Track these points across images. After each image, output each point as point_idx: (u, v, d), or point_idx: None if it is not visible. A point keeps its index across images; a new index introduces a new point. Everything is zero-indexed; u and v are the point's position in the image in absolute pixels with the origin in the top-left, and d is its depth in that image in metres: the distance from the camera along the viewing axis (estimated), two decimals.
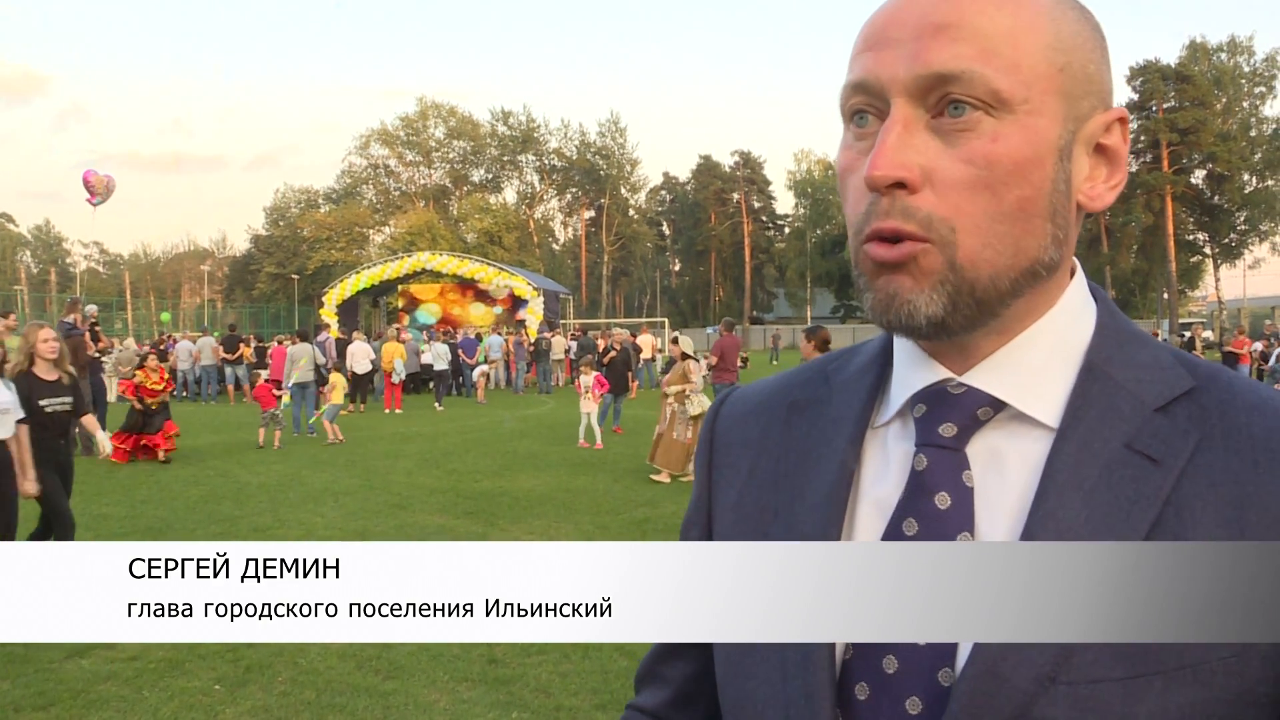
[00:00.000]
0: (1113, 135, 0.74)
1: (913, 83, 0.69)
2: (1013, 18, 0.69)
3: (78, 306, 14.61)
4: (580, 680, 5.03)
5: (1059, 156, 0.71)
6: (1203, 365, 0.75)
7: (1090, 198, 0.74)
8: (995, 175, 0.68)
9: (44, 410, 6.47)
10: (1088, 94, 0.72)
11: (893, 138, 0.69)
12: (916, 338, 0.75)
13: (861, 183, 0.71)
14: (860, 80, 0.72)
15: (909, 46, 0.69)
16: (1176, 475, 0.68)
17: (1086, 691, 0.64)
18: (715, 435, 0.93)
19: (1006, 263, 0.70)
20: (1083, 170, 0.74)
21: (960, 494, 0.73)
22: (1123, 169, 0.75)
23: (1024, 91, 0.68)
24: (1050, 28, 0.70)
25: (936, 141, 0.69)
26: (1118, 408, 0.72)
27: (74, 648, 5.41)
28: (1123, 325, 0.78)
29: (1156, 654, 0.64)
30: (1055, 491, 0.69)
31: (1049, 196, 0.71)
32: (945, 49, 0.68)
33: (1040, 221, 0.71)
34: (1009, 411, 0.74)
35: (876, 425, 0.81)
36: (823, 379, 0.88)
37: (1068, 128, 0.71)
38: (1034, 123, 0.69)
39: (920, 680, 0.69)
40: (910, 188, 0.69)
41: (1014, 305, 0.73)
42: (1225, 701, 0.63)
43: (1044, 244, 0.72)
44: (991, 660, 0.66)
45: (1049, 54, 0.70)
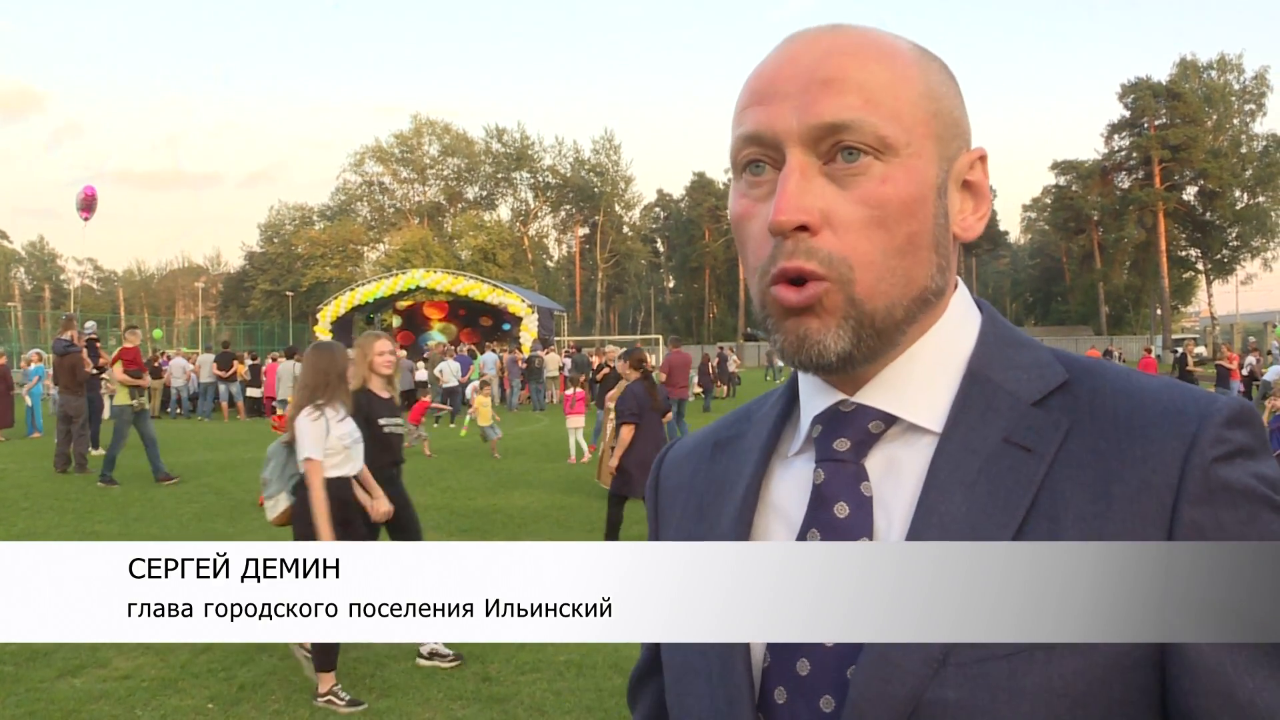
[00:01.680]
0: (976, 172, 0.82)
1: (806, 132, 0.74)
2: (889, 71, 0.76)
3: (73, 324, 14.57)
4: (574, 698, 5.00)
5: (938, 194, 0.77)
6: (1080, 360, 0.80)
7: (963, 229, 0.81)
8: (887, 214, 0.74)
9: (382, 431, 5.51)
10: (955, 136, 0.79)
11: (792, 184, 0.74)
12: (828, 374, 0.79)
13: (762, 228, 0.76)
14: (754, 132, 0.76)
15: (799, 99, 0.74)
16: (1049, 462, 0.72)
17: (975, 670, 0.67)
18: (659, 482, 0.99)
19: (899, 293, 0.76)
20: (955, 205, 0.80)
21: (858, 502, 0.77)
22: (987, 201, 0.82)
23: (905, 136, 0.75)
24: (922, 79, 0.77)
25: (831, 186, 0.74)
26: (996, 406, 0.77)
27: (66, 667, 5.38)
28: (1004, 332, 0.83)
29: None
30: (937, 489, 0.74)
31: (933, 230, 0.77)
32: (834, 100, 0.74)
33: (926, 253, 0.77)
34: (902, 424, 0.79)
35: (789, 455, 0.86)
36: (745, 417, 0.94)
37: (942, 167, 0.78)
38: (915, 164, 0.75)
39: (831, 679, 0.72)
40: (811, 230, 0.74)
41: (908, 331, 0.79)
42: (1104, 666, 0.67)
43: (931, 273, 0.78)
44: (883, 648, 0.69)
45: (923, 102, 0.77)
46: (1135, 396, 0.74)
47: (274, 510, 5.21)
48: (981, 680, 0.67)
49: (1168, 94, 58.53)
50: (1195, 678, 0.66)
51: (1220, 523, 0.67)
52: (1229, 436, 0.69)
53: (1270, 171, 59.01)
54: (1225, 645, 0.66)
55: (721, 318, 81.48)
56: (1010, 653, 0.67)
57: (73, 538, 8.98)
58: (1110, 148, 61.84)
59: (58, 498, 11.33)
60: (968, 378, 0.79)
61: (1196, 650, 0.66)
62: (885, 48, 0.77)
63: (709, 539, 0.85)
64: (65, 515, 10.19)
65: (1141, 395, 0.74)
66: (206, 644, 5.81)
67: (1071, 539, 0.68)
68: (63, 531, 9.28)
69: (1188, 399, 0.72)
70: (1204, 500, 0.68)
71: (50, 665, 5.41)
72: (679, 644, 0.85)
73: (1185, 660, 0.67)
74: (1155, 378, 0.77)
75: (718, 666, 0.79)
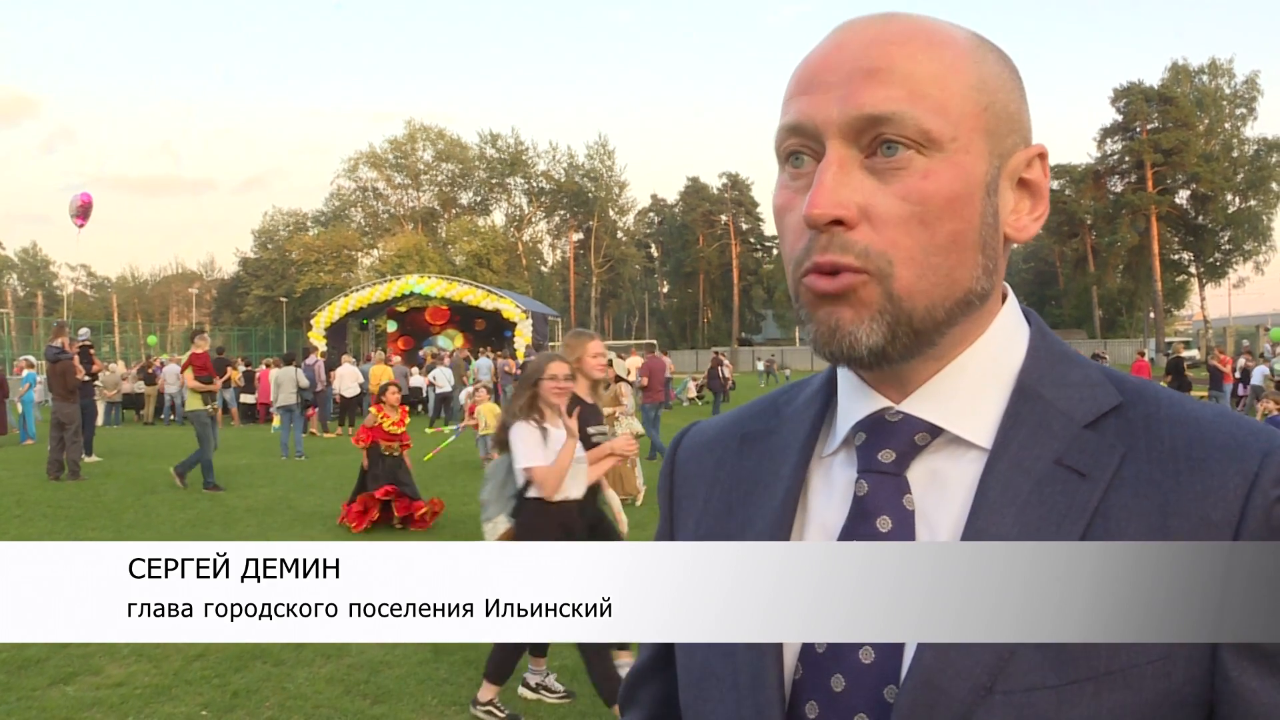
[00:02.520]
0: (1034, 170, 0.78)
1: (847, 124, 0.72)
2: (938, 62, 0.73)
3: (65, 330, 14.52)
4: (568, 704, 5.00)
5: (986, 191, 0.74)
6: (1131, 381, 0.78)
7: (1016, 229, 0.78)
8: (928, 210, 0.71)
9: (591, 441, 5.03)
10: (1010, 132, 0.76)
11: (830, 176, 0.71)
12: (858, 368, 0.77)
13: (800, 220, 0.74)
14: (795, 123, 0.75)
15: (841, 90, 0.72)
16: (1104, 488, 0.70)
17: (1022, 699, 0.66)
18: (675, 468, 0.96)
19: (942, 293, 0.73)
20: (1008, 204, 0.77)
21: (901, 516, 0.75)
22: (1044, 201, 0.79)
23: (952, 130, 0.72)
24: (974, 70, 0.74)
25: (871, 180, 0.72)
26: (1048, 425, 0.74)
27: (58, 674, 5.36)
28: (1054, 346, 0.81)
29: (1088, 660, 0.66)
30: (988, 509, 0.72)
31: (979, 230, 0.74)
32: (877, 91, 0.71)
33: (971, 253, 0.74)
34: (946, 436, 0.77)
35: (824, 455, 0.84)
36: (774, 411, 0.91)
37: (993, 164, 0.75)
38: (962, 160, 0.72)
39: (867, 698, 0.71)
40: (848, 224, 0.72)
41: (949, 333, 0.76)
42: (1153, 704, 0.66)
43: (975, 274, 0.75)
44: (929, 672, 0.68)
45: (973, 95, 0.73)
46: (1192, 426, 0.72)
47: (493, 534, 4.91)
48: (1028, 710, 0.66)
49: (1160, 98, 58.71)
50: (1250, 718, 0.66)
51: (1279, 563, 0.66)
52: None
53: (1262, 175, 59.20)
54: (1279, 686, 0.66)
55: (716, 322, 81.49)
56: (1060, 683, 0.66)
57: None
58: (1103, 152, 61.96)
59: (51, 505, 11.29)
60: (1017, 393, 0.76)
61: (1252, 691, 0.65)
62: (936, 37, 0.74)
63: (741, 538, 0.83)
64: (58, 522, 10.15)
65: (1199, 425, 0.72)
66: (200, 651, 5.79)
67: None
68: (55, 539, 9.23)
69: (1247, 433, 0.70)
70: (1264, 540, 0.66)
71: (42, 673, 5.39)
72: (698, 647, 0.83)
73: (1239, 700, 0.66)
74: (1208, 405, 0.75)
75: (747, 675, 0.76)
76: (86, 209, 26.03)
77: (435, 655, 5.72)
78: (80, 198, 25.91)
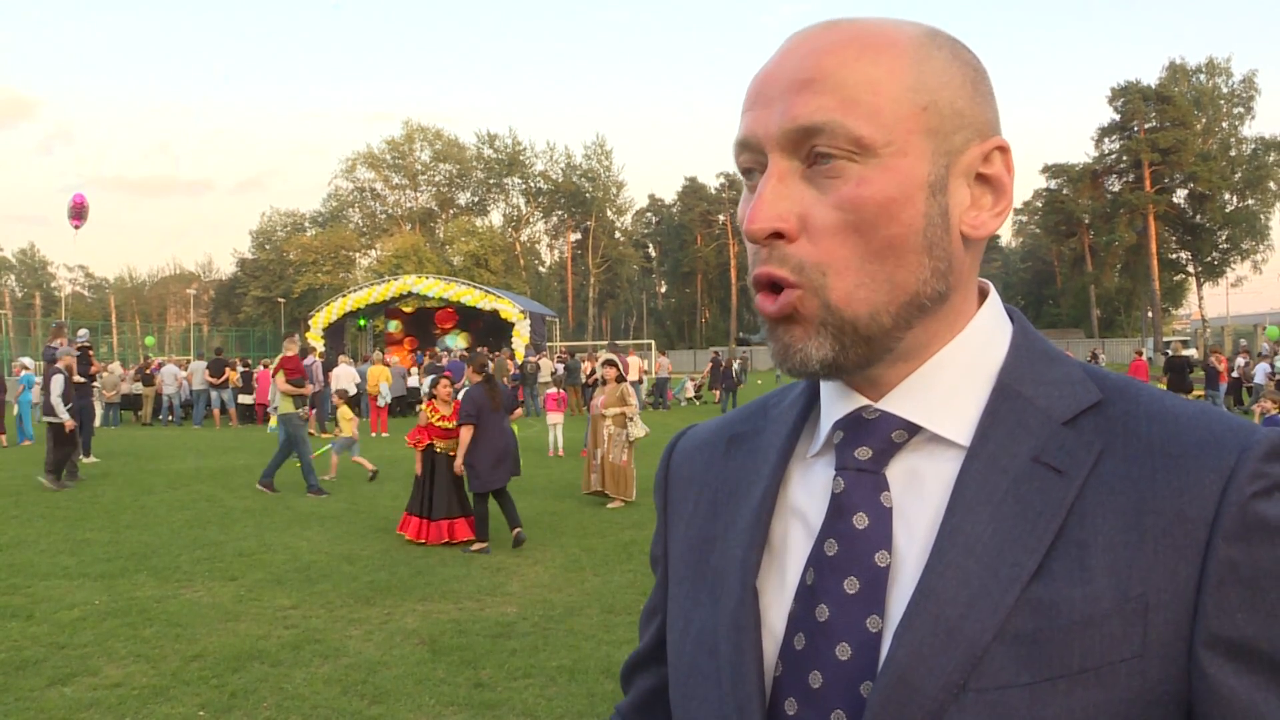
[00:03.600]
0: (993, 164, 0.77)
1: (783, 136, 0.73)
2: (873, 65, 0.72)
3: (63, 331, 14.52)
4: (566, 704, 5.00)
5: (931, 192, 0.74)
6: (1112, 379, 0.78)
7: (973, 226, 0.76)
8: (863, 217, 0.72)
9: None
10: (959, 128, 0.75)
11: (769, 190, 0.73)
12: (816, 380, 0.78)
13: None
14: (742, 138, 0.76)
15: (780, 104, 0.73)
16: (1080, 485, 0.70)
17: (995, 697, 0.66)
18: (670, 470, 0.97)
19: (883, 299, 0.73)
20: (963, 201, 0.76)
21: (878, 514, 0.75)
22: (1007, 195, 0.78)
23: (885, 135, 0.72)
24: (911, 70, 0.73)
25: (811, 190, 0.73)
26: (1026, 423, 0.74)
27: (56, 675, 5.36)
28: (1036, 344, 0.80)
29: (1061, 658, 0.66)
30: (964, 506, 0.72)
31: (923, 232, 0.73)
32: (809, 102, 0.72)
33: (914, 256, 0.73)
34: (925, 434, 0.77)
35: (807, 456, 0.84)
36: (762, 412, 0.92)
37: (939, 163, 0.74)
38: (899, 164, 0.72)
39: (843, 694, 0.72)
40: (788, 237, 0.73)
41: (908, 336, 0.76)
42: (1128, 702, 0.66)
43: (922, 277, 0.74)
44: (902, 669, 0.68)
45: (910, 96, 0.73)
46: (1170, 423, 0.72)
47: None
48: (1001, 708, 0.66)
49: (1157, 97, 58.73)
50: (1227, 717, 0.65)
51: (1256, 560, 0.66)
52: (1268, 471, 0.67)
53: (1259, 174, 59.27)
54: (1258, 685, 0.65)
55: (714, 322, 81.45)
56: (1033, 681, 0.66)
57: (63, 546, 8.94)
58: (1100, 151, 62.03)
59: (48, 505, 11.28)
60: (997, 391, 0.76)
61: (1229, 689, 0.65)
62: (874, 41, 0.73)
63: (724, 539, 0.84)
64: (56, 523, 10.14)
65: (1177, 422, 0.72)
66: (197, 651, 5.80)
67: (1100, 566, 0.67)
68: (53, 539, 9.24)
69: (1225, 429, 0.70)
70: (1240, 537, 0.66)
71: (40, 674, 5.39)
72: (686, 644, 0.84)
73: (1216, 698, 0.65)
74: (1190, 403, 0.75)
75: (729, 672, 0.78)
76: (81, 209, 26.00)
77: (433, 655, 5.73)
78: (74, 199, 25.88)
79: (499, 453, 8.97)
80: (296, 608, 6.85)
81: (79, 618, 6.55)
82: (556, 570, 8.01)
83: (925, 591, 0.70)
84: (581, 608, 6.81)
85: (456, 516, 9.12)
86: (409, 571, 7.92)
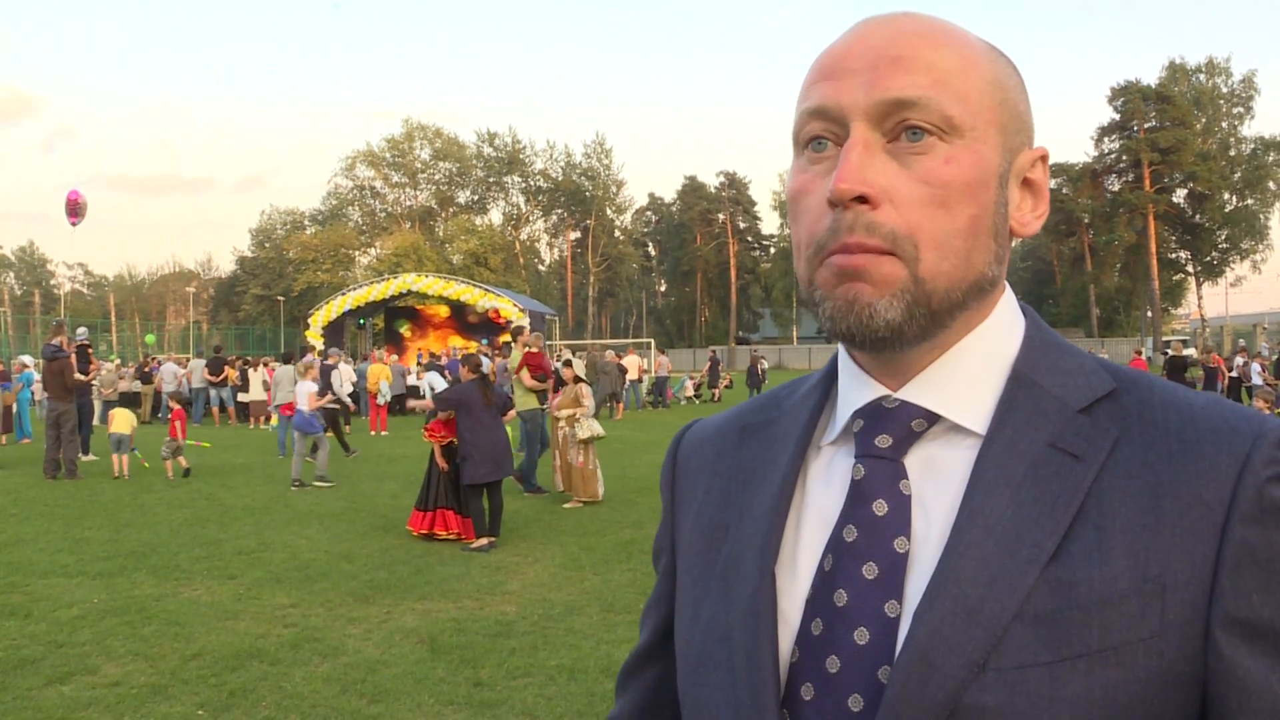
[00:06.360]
0: (1037, 171, 0.81)
1: (872, 107, 0.74)
2: (959, 55, 0.76)
3: (63, 329, 14.49)
4: (566, 703, 4.99)
5: (999, 182, 0.77)
6: (1125, 370, 0.80)
7: (1020, 224, 0.80)
8: (949, 194, 0.74)
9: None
10: (1019, 130, 0.79)
11: (855, 155, 0.73)
12: (869, 345, 0.77)
13: (820, 202, 0.75)
14: (819, 106, 0.76)
15: (866, 75, 0.74)
16: (1097, 469, 0.72)
17: (1015, 676, 0.67)
18: (677, 461, 0.98)
19: (959, 275, 0.75)
20: (1014, 200, 0.80)
21: (897, 501, 0.76)
22: (1046, 201, 0.82)
23: (971, 119, 0.75)
24: (990, 67, 0.78)
25: (893, 164, 0.74)
26: (1043, 410, 0.76)
27: (54, 674, 5.35)
28: (1048, 337, 0.82)
29: (1081, 638, 0.67)
30: (982, 490, 0.73)
31: (993, 217, 0.77)
32: (902, 78, 0.74)
33: (986, 239, 0.76)
34: (944, 423, 0.78)
35: (824, 444, 0.85)
36: (775, 404, 0.93)
37: (1005, 158, 0.78)
38: (979, 149, 0.75)
39: (861, 678, 0.72)
40: (872, 203, 0.73)
41: (960, 317, 0.78)
42: (1146, 681, 0.67)
43: (989, 260, 0.77)
44: (923, 649, 0.69)
45: (990, 89, 0.77)
46: (1185, 410, 0.74)
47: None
48: (1021, 687, 0.67)
49: (1157, 97, 58.76)
50: (1243, 696, 0.66)
51: (1271, 542, 0.67)
52: None
53: (1259, 174, 59.31)
54: (1273, 665, 0.67)
55: (713, 321, 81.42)
56: (1053, 660, 0.67)
57: (62, 544, 8.94)
58: (1100, 150, 62.06)
59: (47, 504, 11.28)
60: (1013, 380, 0.78)
61: (1245, 670, 0.66)
62: (956, 34, 0.78)
63: (739, 527, 0.85)
64: (54, 521, 10.14)
65: (1191, 410, 0.74)
66: (196, 650, 5.79)
67: (1118, 547, 0.68)
68: (51, 538, 9.23)
69: (1239, 417, 0.72)
70: (1256, 519, 0.67)
71: (38, 672, 5.38)
72: (696, 632, 0.84)
73: (1232, 678, 0.66)
74: (1202, 394, 0.77)
75: (743, 659, 0.77)
76: (76, 206, 25.95)
77: (432, 655, 5.72)
78: (69, 196, 25.84)
79: (493, 447, 9.01)
80: (295, 606, 6.84)
81: (77, 616, 6.54)
82: (556, 569, 8.00)
83: (945, 572, 0.71)
84: (581, 607, 6.80)
85: (449, 508, 9.20)
86: (408, 570, 7.92)
